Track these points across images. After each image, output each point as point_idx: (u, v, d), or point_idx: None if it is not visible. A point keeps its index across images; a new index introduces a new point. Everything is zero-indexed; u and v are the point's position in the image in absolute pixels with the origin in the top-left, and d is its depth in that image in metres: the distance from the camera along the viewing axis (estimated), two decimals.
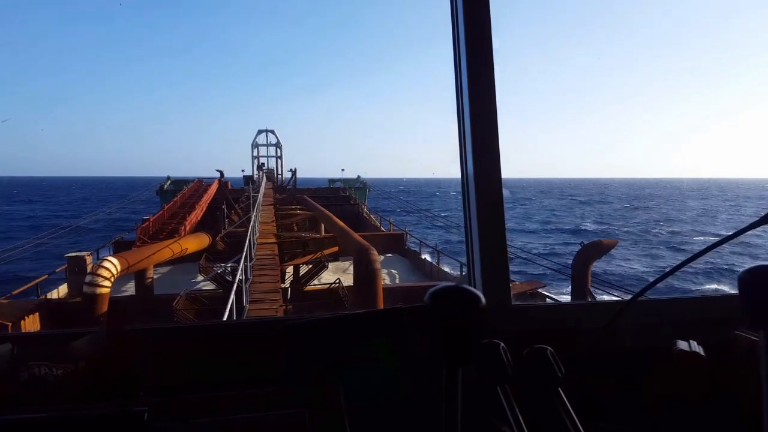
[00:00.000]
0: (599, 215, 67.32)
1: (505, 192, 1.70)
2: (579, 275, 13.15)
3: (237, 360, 1.52)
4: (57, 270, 17.80)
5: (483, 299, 0.81)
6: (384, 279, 16.64)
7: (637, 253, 36.70)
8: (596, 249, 13.82)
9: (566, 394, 1.01)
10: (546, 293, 14.89)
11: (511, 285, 1.72)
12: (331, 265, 18.02)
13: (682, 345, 1.54)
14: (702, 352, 1.52)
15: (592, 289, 13.33)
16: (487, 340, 0.99)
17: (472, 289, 0.83)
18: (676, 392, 1.51)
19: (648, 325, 1.63)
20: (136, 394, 1.32)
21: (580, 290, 13.10)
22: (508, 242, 1.71)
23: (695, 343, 1.55)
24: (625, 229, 51.83)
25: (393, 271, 21.51)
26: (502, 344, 1.00)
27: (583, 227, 52.06)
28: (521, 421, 0.93)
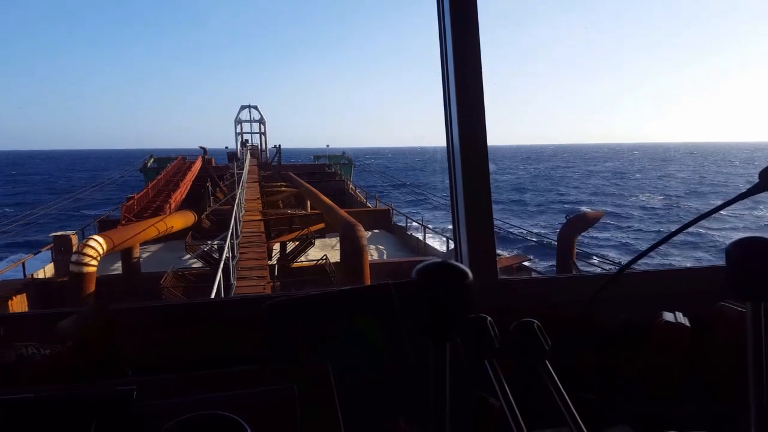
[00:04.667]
0: None
1: (492, 167, 1.70)
2: (564, 248, 13.29)
3: (224, 338, 1.51)
4: (43, 249, 17.66)
5: (470, 275, 0.82)
6: (371, 255, 16.68)
7: None
8: (582, 221, 13.95)
9: (552, 367, 1.02)
10: (531, 267, 15.04)
11: (497, 259, 1.73)
12: (317, 241, 18.02)
13: (668, 317, 1.54)
14: (687, 324, 1.52)
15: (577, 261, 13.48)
16: (474, 315, 0.99)
17: (460, 264, 0.83)
18: (660, 364, 1.52)
19: (633, 298, 1.63)
20: (123, 373, 1.32)
21: (564, 263, 13.25)
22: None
23: (681, 314, 1.55)
24: None
25: (380, 247, 21.55)
26: (489, 318, 1.00)
27: None
28: (509, 393, 0.95)
